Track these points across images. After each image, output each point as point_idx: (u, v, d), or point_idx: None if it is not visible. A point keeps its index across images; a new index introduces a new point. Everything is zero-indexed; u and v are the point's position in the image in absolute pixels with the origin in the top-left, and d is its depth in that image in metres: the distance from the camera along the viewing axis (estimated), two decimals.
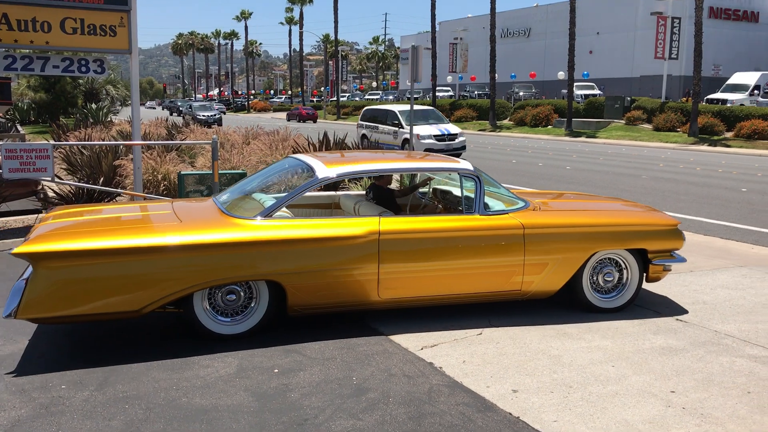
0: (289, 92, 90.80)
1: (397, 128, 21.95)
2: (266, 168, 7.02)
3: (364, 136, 23.35)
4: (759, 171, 19.36)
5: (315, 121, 56.14)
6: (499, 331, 5.42)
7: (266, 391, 4.26)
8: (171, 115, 60.56)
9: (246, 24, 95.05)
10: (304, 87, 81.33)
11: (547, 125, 40.53)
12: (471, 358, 4.84)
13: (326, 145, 12.19)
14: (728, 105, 35.09)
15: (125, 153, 12.81)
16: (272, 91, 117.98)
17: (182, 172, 10.96)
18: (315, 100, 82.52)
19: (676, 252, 6.18)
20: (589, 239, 5.79)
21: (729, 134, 31.37)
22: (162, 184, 11.34)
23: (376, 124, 23.18)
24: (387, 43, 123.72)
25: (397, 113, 22.36)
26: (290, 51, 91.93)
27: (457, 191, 6.35)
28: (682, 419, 3.96)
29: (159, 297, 4.82)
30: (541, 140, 34.99)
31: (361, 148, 15.55)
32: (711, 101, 37.26)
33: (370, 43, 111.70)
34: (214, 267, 4.90)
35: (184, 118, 40.22)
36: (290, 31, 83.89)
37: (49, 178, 8.92)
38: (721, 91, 39.70)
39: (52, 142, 16.34)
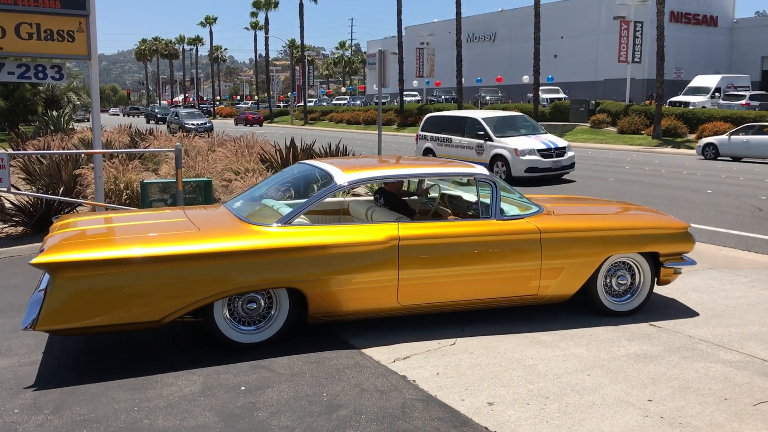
0: (256, 98, 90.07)
1: (483, 140, 17.12)
2: (276, 174, 6.97)
3: (428, 150, 18.88)
4: (722, 173, 19.63)
5: (261, 125, 58.81)
6: (473, 341, 5.30)
7: (232, 410, 4.08)
8: (148, 122, 58.93)
9: (211, 29, 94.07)
10: (271, 92, 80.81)
11: None
12: (445, 370, 4.71)
13: (293, 150, 11.99)
14: (690, 107, 35.68)
15: (86, 162, 12.48)
16: (238, 97, 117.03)
17: (145, 181, 10.69)
18: (282, 105, 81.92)
19: (686, 255, 6.22)
20: (603, 243, 5.81)
21: (692, 136, 31.85)
22: (125, 193, 11.05)
23: (449, 136, 18.25)
24: (354, 48, 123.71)
25: (481, 121, 17.40)
26: (256, 56, 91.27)
27: (466, 196, 6.43)
28: (661, 429, 3.88)
29: (181, 306, 4.75)
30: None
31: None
32: (673, 104, 37.85)
33: (337, 48, 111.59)
34: (236, 275, 4.84)
35: (169, 127, 37.79)
36: (255, 36, 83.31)
37: (5, 189, 8.59)
38: (683, 94, 40.39)
39: (9, 151, 15.88)
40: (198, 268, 4.77)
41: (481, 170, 5.94)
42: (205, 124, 40.41)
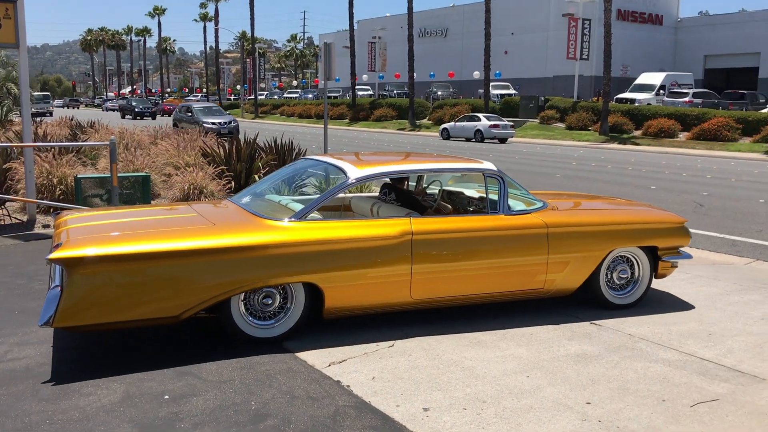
0: (205, 90, 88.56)
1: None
2: (282, 169, 6.86)
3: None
4: (666, 168, 20.01)
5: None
6: (412, 342, 5.15)
7: (153, 421, 3.83)
8: (123, 117, 51.77)
9: (159, 20, 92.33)
10: (221, 85, 79.57)
11: None
12: (381, 374, 4.55)
13: (236, 144, 11.68)
14: (636, 104, 36.39)
15: (19, 155, 11.93)
16: (187, 89, 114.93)
17: (79, 176, 10.27)
18: (232, 98, 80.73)
19: (682, 249, 6.35)
20: (606, 237, 5.93)
21: (637, 132, 32.48)
22: (58, 189, 10.60)
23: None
24: (306, 41, 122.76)
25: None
26: (206, 48, 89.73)
27: (468, 192, 6.53)
28: None
29: (200, 301, 4.70)
30: (458, 140, 35.25)
31: None
32: (620, 101, 38.55)
33: (289, 41, 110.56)
34: (256, 269, 4.82)
35: (178, 126, 28.41)
36: (205, 28, 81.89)
37: None
38: (630, 91, 41.19)
39: None
40: (218, 263, 4.72)
41: (489, 165, 5.97)
42: (230, 123, 30.50)
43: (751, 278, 7.27)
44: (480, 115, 34.64)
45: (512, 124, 34.68)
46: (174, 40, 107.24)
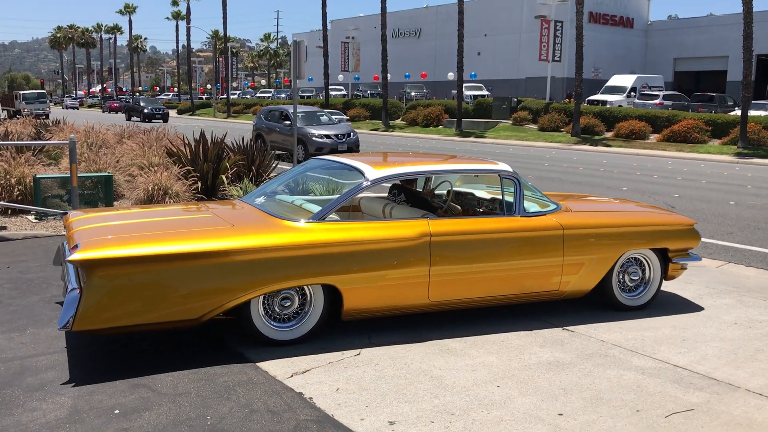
0: (176, 89, 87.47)
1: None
2: (293, 169, 6.75)
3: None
4: (637, 170, 20.07)
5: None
6: (379, 351, 4.96)
7: None
8: (129, 119, 47.32)
9: (130, 18, 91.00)
10: (193, 84, 78.64)
11: (438, 125, 40.85)
12: (346, 385, 4.35)
13: (203, 144, 11.39)
14: (608, 106, 36.59)
15: None
16: (158, 88, 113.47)
17: (38, 176, 9.91)
18: (204, 97, 79.82)
19: (691, 251, 6.39)
20: (620, 239, 5.95)
21: (609, 134, 32.63)
22: (17, 189, 10.20)
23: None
24: (280, 40, 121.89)
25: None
26: (177, 47, 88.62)
27: (478, 192, 6.51)
28: None
29: (222, 303, 4.64)
30: (432, 140, 35.17)
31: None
32: (592, 102, 38.77)
33: (262, 40, 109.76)
34: (277, 271, 4.77)
35: (264, 140, 20.95)
36: (177, 26, 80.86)
37: None
38: (601, 93, 41.46)
39: None
40: (241, 264, 4.67)
41: (505, 167, 5.93)
42: (349, 135, 21.18)
43: (723, 281, 7.20)
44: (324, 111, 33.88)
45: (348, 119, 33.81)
46: (145, 39, 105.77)
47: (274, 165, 12.69)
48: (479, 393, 4.28)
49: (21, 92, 53.92)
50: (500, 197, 5.93)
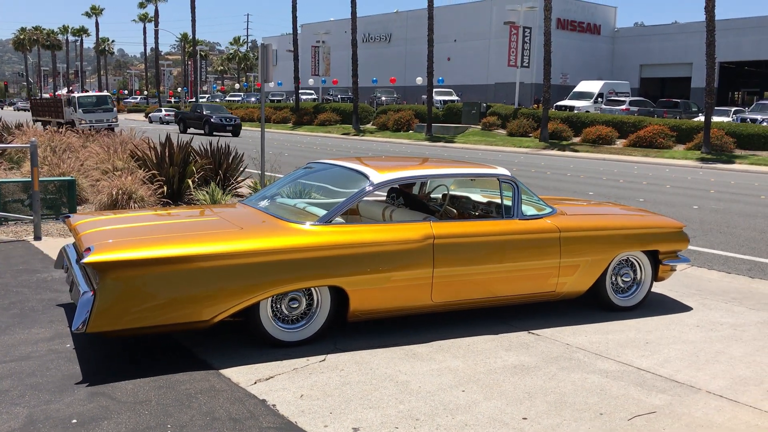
0: (145, 92, 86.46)
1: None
2: (293, 173, 6.78)
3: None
4: (603, 174, 20.33)
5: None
6: (344, 356, 4.92)
7: None
8: (185, 131, 36.99)
9: (97, 20, 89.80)
10: (162, 87, 77.81)
11: (408, 130, 40.98)
12: (310, 391, 4.31)
13: (169, 147, 11.25)
14: (575, 112, 37.06)
15: None
16: (125, 91, 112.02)
17: None
18: (173, 101, 79.00)
19: (680, 253, 6.56)
20: (613, 242, 6.11)
21: (576, 139, 33.04)
22: None
23: None
24: (250, 44, 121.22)
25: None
26: (145, 50, 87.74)
27: (474, 196, 6.67)
28: None
29: (233, 305, 4.69)
30: (402, 144, 35.26)
31: None
32: (560, 108, 39.23)
33: (232, 44, 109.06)
34: (286, 273, 4.84)
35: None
36: (145, 29, 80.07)
37: None
38: (569, 99, 41.95)
39: None
40: (252, 266, 4.74)
41: (504, 171, 6.08)
42: (234, 120, 20.35)
43: (686, 284, 7.30)
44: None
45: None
46: (113, 41, 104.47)
47: (242, 169, 12.58)
48: (444, 398, 4.27)
49: (75, 95, 37.89)
50: (496, 200, 6.10)
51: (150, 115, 59.77)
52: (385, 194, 6.78)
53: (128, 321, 4.46)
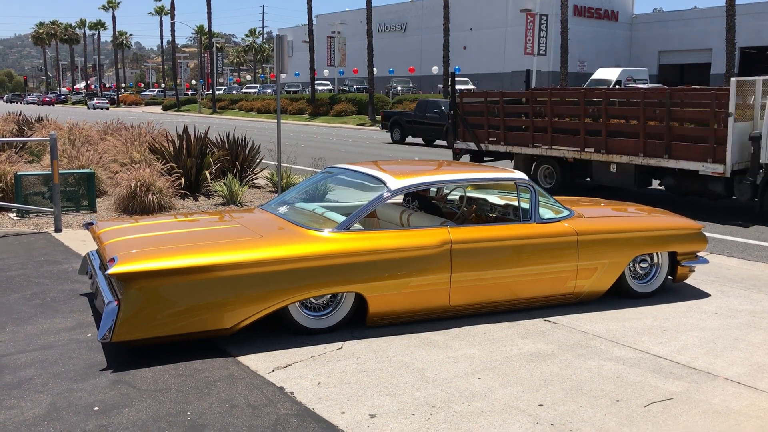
0: (162, 85, 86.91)
1: None
2: (311, 178, 6.91)
3: None
4: None
5: (53, 105, 71.51)
6: (361, 344, 4.96)
7: None
8: (402, 141, 26.16)
9: (114, 14, 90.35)
10: (179, 80, 78.18)
11: None
12: (328, 379, 4.35)
13: (186, 140, 11.33)
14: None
15: None
16: (143, 84, 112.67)
17: (19, 173, 9.83)
18: (189, 93, 79.33)
19: (699, 254, 6.55)
20: (631, 244, 6.10)
21: None
22: None
23: None
24: (265, 35, 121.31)
25: None
26: (162, 42, 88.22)
27: (492, 198, 6.66)
28: None
29: (252, 313, 4.78)
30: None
31: None
32: None
33: (247, 36, 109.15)
34: (305, 280, 4.89)
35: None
36: (161, 21, 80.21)
37: None
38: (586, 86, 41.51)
39: None
40: (271, 275, 4.80)
41: (521, 175, 6.08)
42: None
43: (704, 272, 7.25)
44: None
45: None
46: (130, 35, 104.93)
47: (258, 160, 12.65)
48: (460, 385, 4.29)
49: None
50: (514, 203, 6.12)
51: (88, 102, 74.96)
52: (402, 198, 6.78)
53: (152, 330, 4.55)
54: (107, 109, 67.93)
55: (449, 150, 16.94)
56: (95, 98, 75.64)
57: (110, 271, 4.49)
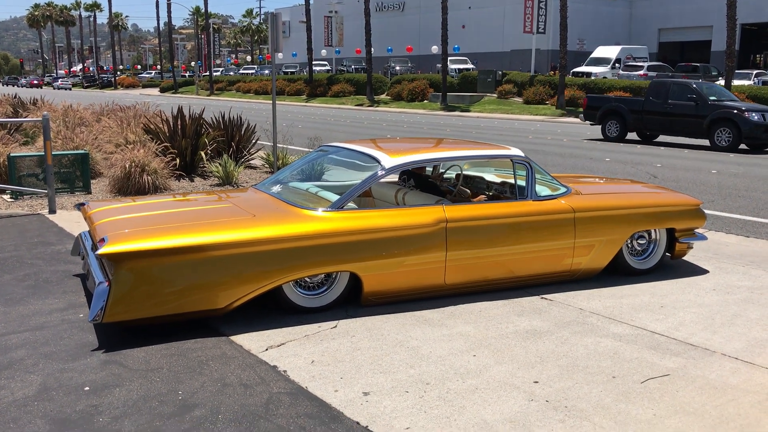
0: (159, 67, 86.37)
1: None
2: (304, 157, 6.83)
3: None
4: (619, 144, 20.05)
5: (41, 87, 74.17)
6: (356, 322, 4.92)
7: (69, 415, 3.53)
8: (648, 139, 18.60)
9: None
10: (176, 61, 77.66)
11: (423, 100, 40.66)
12: (321, 357, 4.31)
13: (181, 120, 11.22)
14: (592, 78, 36.51)
15: None
16: (139, 66, 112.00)
17: (12, 154, 9.74)
18: (187, 75, 78.88)
19: (697, 230, 6.51)
20: (629, 221, 6.05)
21: None
22: None
23: None
24: (263, 16, 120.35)
25: None
26: (158, 24, 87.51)
27: (488, 176, 6.62)
28: (546, 414, 3.61)
29: (246, 292, 4.74)
30: (417, 115, 35.02)
31: None
32: (576, 74, 38.65)
33: (245, 16, 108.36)
34: (298, 260, 4.84)
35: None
36: (158, 3, 79.44)
37: None
38: (586, 65, 41.35)
39: None
40: (264, 254, 4.74)
41: (517, 152, 5.97)
42: None
43: (702, 248, 7.20)
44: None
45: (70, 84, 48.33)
46: (126, 16, 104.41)
47: (254, 141, 12.55)
48: (455, 362, 4.26)
49: None
50: (510, 180, 6.04)
51: (53, 84, 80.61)
52: (398, 176, 6.71)
53: (143, 310, 4.50)
54: (70, 89, 74.58)
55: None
56: (59, 80, 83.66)
57: (100, 251, 4.43)
